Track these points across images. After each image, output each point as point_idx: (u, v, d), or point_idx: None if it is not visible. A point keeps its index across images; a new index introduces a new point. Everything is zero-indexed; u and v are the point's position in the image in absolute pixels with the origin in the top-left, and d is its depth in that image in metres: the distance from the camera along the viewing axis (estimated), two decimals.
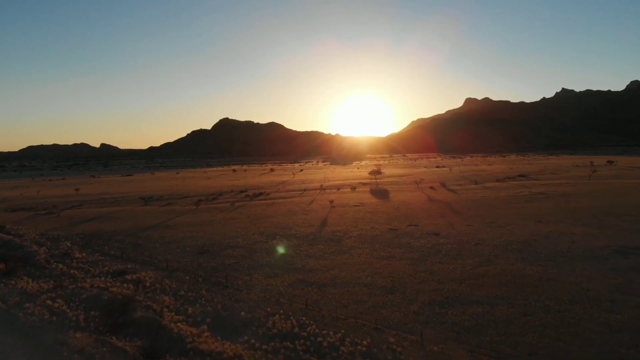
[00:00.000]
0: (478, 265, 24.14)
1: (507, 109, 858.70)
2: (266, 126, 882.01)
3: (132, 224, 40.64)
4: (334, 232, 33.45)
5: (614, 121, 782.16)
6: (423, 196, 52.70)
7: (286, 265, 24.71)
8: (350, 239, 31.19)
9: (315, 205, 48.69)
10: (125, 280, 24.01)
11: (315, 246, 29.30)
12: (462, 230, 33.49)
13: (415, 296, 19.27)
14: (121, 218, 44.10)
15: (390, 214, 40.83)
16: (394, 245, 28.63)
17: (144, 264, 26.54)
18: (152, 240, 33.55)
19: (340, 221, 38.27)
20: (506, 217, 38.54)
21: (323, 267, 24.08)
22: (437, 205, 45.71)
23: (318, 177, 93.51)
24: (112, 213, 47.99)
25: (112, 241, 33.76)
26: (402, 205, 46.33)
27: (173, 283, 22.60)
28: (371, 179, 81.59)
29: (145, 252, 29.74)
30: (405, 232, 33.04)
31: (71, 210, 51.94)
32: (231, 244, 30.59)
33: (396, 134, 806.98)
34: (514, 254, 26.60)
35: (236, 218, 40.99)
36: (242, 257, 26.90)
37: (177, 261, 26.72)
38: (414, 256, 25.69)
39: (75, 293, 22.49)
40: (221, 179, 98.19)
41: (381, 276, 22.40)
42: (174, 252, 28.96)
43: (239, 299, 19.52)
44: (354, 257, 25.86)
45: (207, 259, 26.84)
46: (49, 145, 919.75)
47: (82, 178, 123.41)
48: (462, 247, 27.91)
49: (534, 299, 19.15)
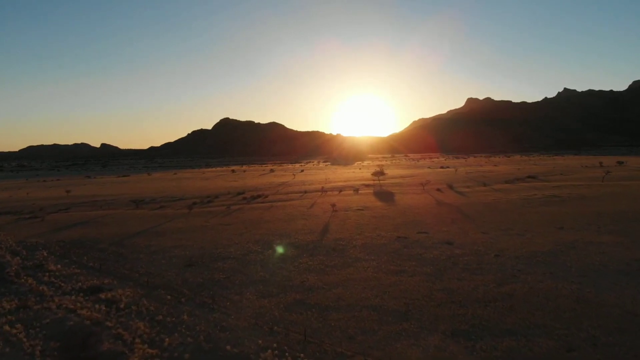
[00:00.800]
0: (502, 283, 21.16)
1: (509, 109, 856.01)
2: (267, 126, 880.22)
3: (118, 230, 37.70)
4: (336, 241, 30.45)
5: (616, 121, 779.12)
6: (430, 199, 49.67)
7: (283, 282, 21.74)
8: (354, 249, 28.21)
9: (316, 209, 45.71)
10: (98, 300, 21.04)
11: (316, 257, 26.32)
12: (477, 238, 30.49)
13: (434, 324, 16.28)
14: (108, 223, 41.18)
15: (397, 219, 37.82)
16: (404, 257, 25.64)
17: (123, 278, 23.61)
18: (137, 249, 30.62)
19: (343, 227, 35.28)
20: (523, 223, 35.52)
21: (325, 284, 21.08)
22: (447, 209, 42.68)
23: (319, 178, 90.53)
24: (100, 217, 45.07)
25: (93, 250, 30.83)
26: (408, 210, 43.30)
27: (152, 304, 19.67)
28: (374, 180, 78.60)
29: (127, 263, 26.81)
30: (415, 240, 30.05)
31: (57, 214, 49.05)
32: (223, 255, 27.65)
33: (397, 134, 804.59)
34: (540, 268, 23.61)
35: (231, 224, 38.01)
36: (234, 270, 23.95)
37: (160, 275, 23.78)
38: (428, 271, 22.71)
39: (39, 316, 19.56)
40: (219, 180, 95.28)
41: (392, 296, 19.40)
42: (159, 264, 26.02)
43: (225, 326, 16.55)
44: (359, 272, 22.88)
45: (195, 272, 23.89)
46: (49, 145, 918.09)
47: (78, 179, 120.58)
48: (481, 260, 24.93)
49: (575, 328, 16.18)
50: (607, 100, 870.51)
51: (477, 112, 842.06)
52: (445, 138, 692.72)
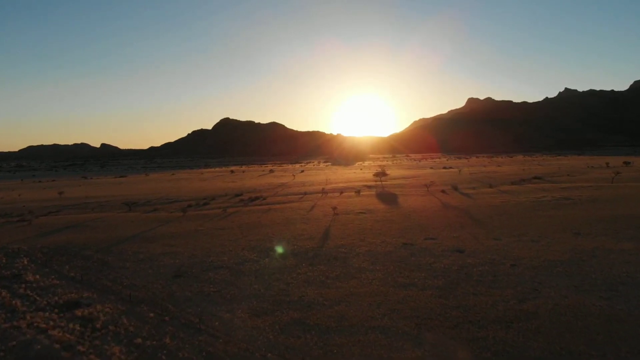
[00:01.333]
0: (523, 298, 19.10)
1: (510, 109, 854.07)
2: (267, 126, 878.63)
3: (107, 235, 35.66)
4: (338, 248, 28.39)
5: (617, 121, 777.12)
6: (435, 201, 47.57)
7: (279, 296, 19.69)
8: (357, 257, 26.16)
9: (317, 212, 43.64)
10: (73, 318, 19.04)
11: (316, 267, 24.27)
12: (489, 245, 28.43)
13: (452, 351, 14.21)
14: (97, 227, 39.13)
15: (402, 223, 35.73)
16: (412, 267, 23.60)
17: (105, 291, 21.60)
18: (124, 256, 28.60)
19: (344, 232, 33.21)
20: (536, 229, 33.44)
21: (326, 300, 19.02)
22: (454, 212, 40.60)
23: (319, 178, 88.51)
24: (90, 221, 43.02)
25: (77, 258, 28.80)
26: (413, 213, 41.21)
27: (132, 323, 17.65)
28: (376, 181, 76.53)
29: (112, 273, 24.79)
30: (423, 247, 28.00)
31: (46, 217, 47.02)
32: (215, 264, 25.59)
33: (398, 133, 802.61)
34: (562, 280, 21.54)
35: (226, 228, 35.94)
36: (226, 282, 21.91)
37: (145, 288, 21.77)
38: (440, 284, 20.65)
39: (7, 336, 17.50)
40: (217, 180, 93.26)
41: (402, 315, 17.31)
42: (145, 275, 24.00)
43: (212, 352, 14.50)
44: (364, 284, 20.83)
45: (183, 284, 21.85)
46: (49, 145, 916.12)
47: (74, 179, 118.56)
48: (496, 270, 22.88)
49: (612, 355, 14.14)
50: (608, 100, 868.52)
51: (477, 112, 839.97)
52: (445, 138, 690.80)
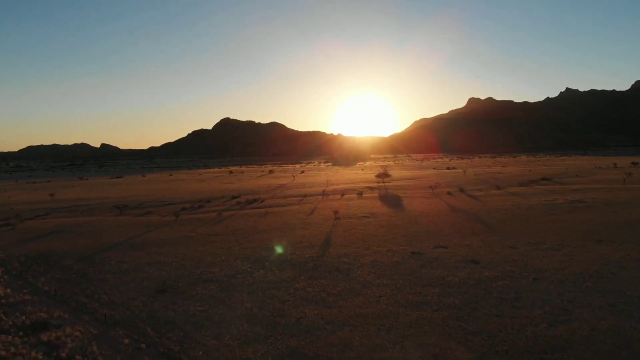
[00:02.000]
0: (553, 321, 16.67)
1: (511, 109, 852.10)
2: (267, 126, 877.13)
3: (92, 242, 33.29)
4: (340, 257, 25.96)
5: (619, 121, 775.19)
6: (442, 204, 45.14)
7: (274, 317, 17.24)
8: (362, 269, 23.72)
9: (317, 216, 41.23)
10: (38, 343, 16.65)
11: (316, 281, 21.87)
12: (506, 255, 26.00)
13: None
14: (83, 233, 36.76)
15: (409, 229, 33.32)
16: (424, 281, 21.15)
17: (78, 310, 19.25)
18: (107, 267, 26.22)
19: (347, 239, 30.78)
20: (554, 235, 31.02)
21: (327, 323, 16.57)
22: (463, 217, 38.17)
23: (320, 179, 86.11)
24: (77, 225, 40.66)
25: (56, 268, 26.45)
26: (420, 217, 38.80)
27: (103, 351, 15.26)
28: (378, 182, 74.16)
29: (90, 287, 22.44)
30: (434, 257, 25.57)
31: (33, 221, 44.66)
32: (204, 276, 23.18)
33: (399, 134, 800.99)
34: (594, 297, 19.12)
35: (220, 234, 33.54)
36: (215, 300, 19.51)
37: (124, 306, 19.41)
38: (456, 302, 18.24)
39: None
40: (215, 181, 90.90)
41: (417, 345, 14.77)
42: (126, 289, 21.61)
43: None
44: (370, 303, 18.42)
45: (167, 302, 19.47)
46: (49, 145, 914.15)
47: (69, 180, 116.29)
48: (518, 286, 20.47)
49: None
50: (610, 100, 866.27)
51: (478, 112, 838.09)
52: (446, 138, 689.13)
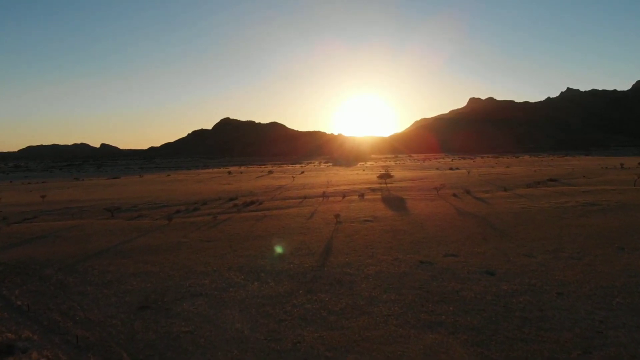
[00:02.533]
0: (587, 347, 14.52)
1: (512, 109, 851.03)
2: (268, 126, 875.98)
3: (77, 248, 31.25)
4: (342, 267, 23.89)
5: (619, 121, 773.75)
6: (448, 207, 43.06)
7: (268, 342, 15.07)
8: (367, 281, 21.63)
9: (317, 220, 39.17)
10: None
11: (316, 295, 19.79)
12: (523, 265, 23.95)
13: None
14: (70, 238, 34.73)
15: (415, 234, 31.26)
16: (435, 297, 18.98)
17: (50, 329, 17.22)
18: (89, 277, 24.18)
19: (349, 246, 28.72)
20: (572, 242, 28.95)
21: (328, 349, 14.25)
22: (471, 221, 36.09)
23: (320, 180, 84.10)
24: (64, 230, 38.62)
25: (34, 278, 24.42)
26: (426, 221, 36.72)
27: None
28: (380, 183, 72.13)
29: (67, 301, 20.42)
30: (444, 268, 23.52)
31: (19, 225, 42.63)
32: (193, 290, 21.10)
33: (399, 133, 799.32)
34: (628, 316, 16.94)
35: (213, 240, 31.49)
36: (203, 318, 17.43)
37: (101, 325, 17.37)
38: (474, 323, 16.16)
39: None
40: (212, 182, 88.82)
41: None
42: (106, 304, 19.57)
43: None
44: (377, 324, 16.32)
45: (149, 321, 17.41)
46: (49, 145, 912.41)
47: (65, 181, 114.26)
48: (541, 302, 18.39)
49: None
50: (611, 100, 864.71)
51: (479, 112, 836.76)
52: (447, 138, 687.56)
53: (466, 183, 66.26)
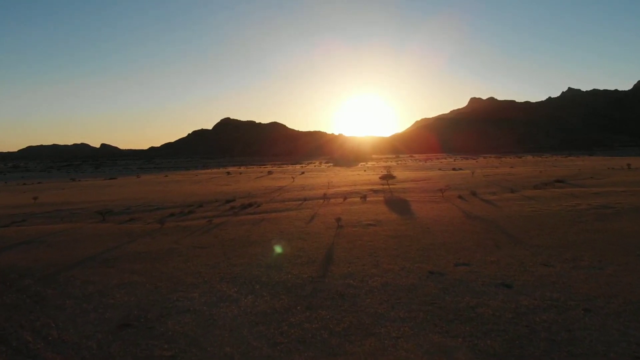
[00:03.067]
0: None
1: (513, 109, 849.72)
2: (268, 126, 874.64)
3: (62, 255, 29.38)
4: (344, 278, 21.94)
5: (621, 121, 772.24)
6: (455, 210, 41.12)
7: None
8: (372, 295, 19.54)
9: (317, 224, 37.26)
10: None
11: (316, 312, 17.65)
12: (542, 275, 21.98)
13: None
14: (56, 244, 32.85)
15: (422, 240, 29.34)
16: (449, 314, 16.48)
17: (17, 352, 15.21)
18: (70, 289, 22.29)
19: (352, 253, 26.80)
20: (590, 249, 26.99)
21: None
22: (481, 225, 34.15)
23: (321, 181, 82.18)
24: (51, 235, 36.74)
25: (11, 290, 22.49)
26: (433, 225, 34.78)
27: None
28: (383, 184, 70.18)
29: (42, 317, 18.55)
30: (456, 279, 21.58)
31: (5, 229, 40.67)
32: (179, 305, 19.07)
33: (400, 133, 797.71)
34: None
35: (207, 246, 29.60)
36: (188, 340, 15.51)
37: (75, 347, 15.47)
38: (495, 347, 14.24)
39: None
40: (210, 183, 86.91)
41: None
42: (84, 322, 17.70)
43: None
44: (386, 348, 14.31)
45: (128, 342, 15.51)
46: (49, 145, 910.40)
47: (61, 182, 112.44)
48: (567, 320, 16.44)
49: None
50: (613, 99, 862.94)
51: (480, 112, 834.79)
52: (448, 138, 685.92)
53: (471, 184, 64.27)
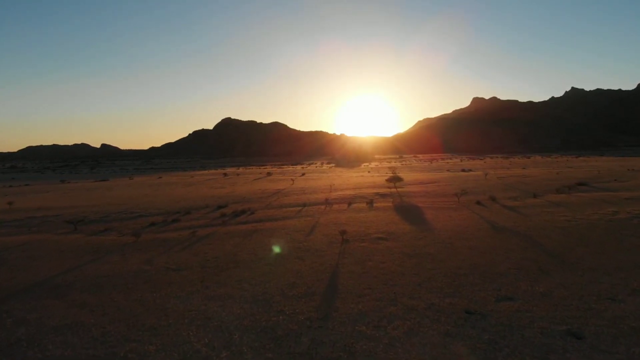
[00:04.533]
0: None
1: (516, 109, 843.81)
2: (269, 126, 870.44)
3: (7, 279, 24.15)
4: (354, 323, 16.43)
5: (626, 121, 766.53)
6: (477, 219, 35.76)
7: None
8: (394, 354, 14.29)
9: (318, 237, 31.97)
10: None
11: None
12: (614, 316, 16.55)
13: None
14: (7, 262, 27.58)
15: (446, 261, 24.05)
16: None
17: None
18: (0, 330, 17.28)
19: (362, 281, 21.33)
20: None
21: None
22: (513, 240, 28.82)
23: (322, 183, 76.84)
24: (9, 249, 31.51)
25: None
26: (456, 239, 29.50)
27: None
28: (390, 187, 64.87)
29: None
30: (504, 323, 16.15)
31: None
32: None
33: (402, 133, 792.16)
34: None
35: (183, 268, 24.39)
36: None
37: None
38: None
39: None
40: (204, 186, 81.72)
41: None
42: None
43: None
44: None
45: None
46: (49, 145, 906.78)
47: (49, 184, 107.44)
48: None
49: None
50: (616, 99, 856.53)
51: (483, 112, 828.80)
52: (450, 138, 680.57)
53: (486, 187, 58.76)
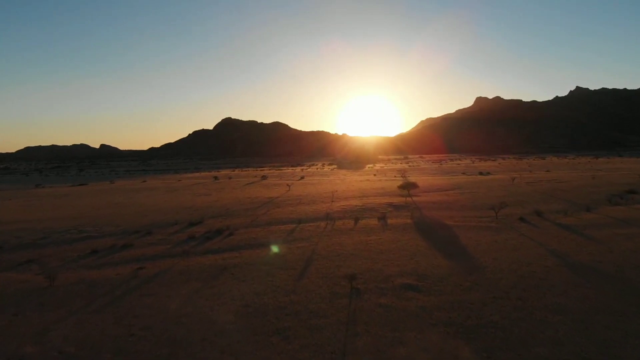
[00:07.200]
0: None
1: (520, 108, 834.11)
2: (270, 126, 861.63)
3: None
4: None
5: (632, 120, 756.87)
6: (535, 248, 25.73)
7: None
8: None
9: (314, 282, 22.05)
10: None
11: None
12: None
13: None
14: None
15: (528, 339, 14.05)
16: None
17: None
18: None
19: None
20: None
21: None
22: (606, 287, 18.92)
23: (323, 189, 66.84)
24: None
25: None
26: (525, 291, 19.40)
27: None
28: (403, 194, 54.83)
29: None
30: None
31: None
32: None
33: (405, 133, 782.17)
34: None
35: (83, 357, 14.74)
36: None
37: None
38: None
39: None
40: (187, 192, 71.90)
41: None
42: None
43: None
44: None
45: None
46: (47, 146, 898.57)
47: (20, 190, 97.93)
48: None
49: None
50: (621, 98, 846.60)
51: (486, 112, 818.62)
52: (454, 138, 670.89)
53: (521, 196, 48.49)
